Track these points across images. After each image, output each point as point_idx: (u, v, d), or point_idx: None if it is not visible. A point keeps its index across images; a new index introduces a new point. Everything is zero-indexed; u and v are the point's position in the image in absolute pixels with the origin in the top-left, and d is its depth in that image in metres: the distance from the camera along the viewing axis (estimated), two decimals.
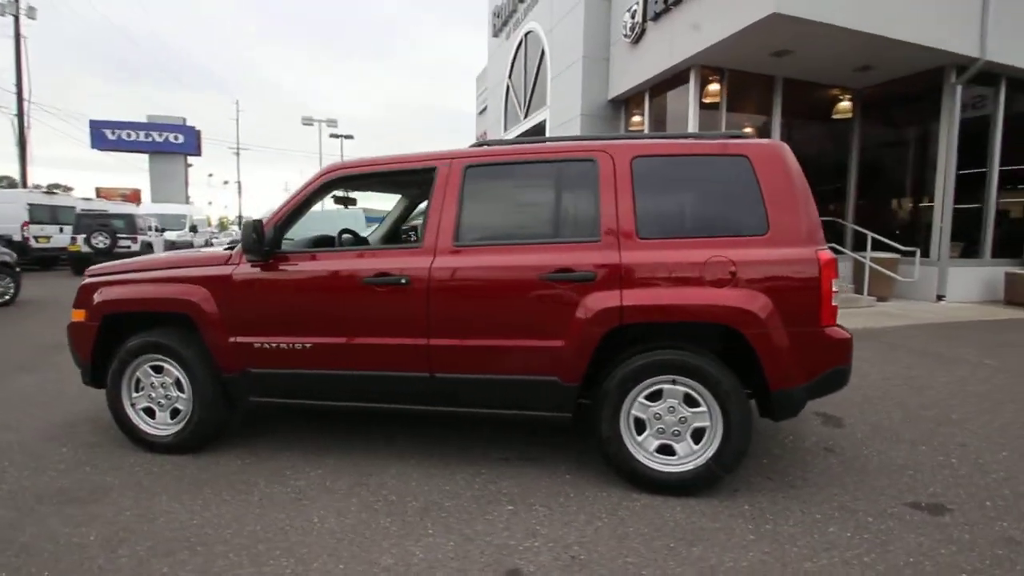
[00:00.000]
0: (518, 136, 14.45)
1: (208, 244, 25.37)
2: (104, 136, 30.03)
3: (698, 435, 2.38)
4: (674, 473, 2.38)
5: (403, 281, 2.49)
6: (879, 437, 3.09)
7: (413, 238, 4.39)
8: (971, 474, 2.63)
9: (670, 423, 2.39)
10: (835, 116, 9.79)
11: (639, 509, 2.28)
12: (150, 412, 2.89)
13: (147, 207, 22.39)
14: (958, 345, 5.63)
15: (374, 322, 2.56)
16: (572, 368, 2.39)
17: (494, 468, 2.68)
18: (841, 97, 9.71)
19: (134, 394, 2.89)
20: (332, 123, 31.13)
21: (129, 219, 15.29)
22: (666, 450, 2.41)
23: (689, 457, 2.38)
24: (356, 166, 2.75)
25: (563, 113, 11.34)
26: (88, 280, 2.98)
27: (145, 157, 31.70)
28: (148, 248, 15.54)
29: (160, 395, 2.86)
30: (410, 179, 3.19)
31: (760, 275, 2.27)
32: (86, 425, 3.31)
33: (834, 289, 2.29)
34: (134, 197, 30.88)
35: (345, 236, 3.44)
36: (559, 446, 2.93)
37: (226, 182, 52.39)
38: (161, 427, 2.87)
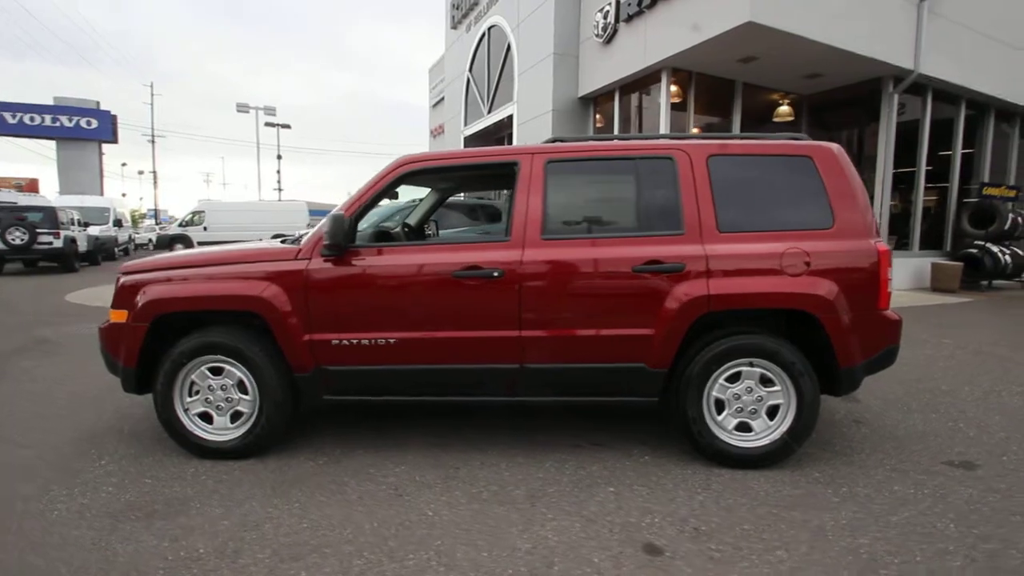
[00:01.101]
0: (481, 130, 14.44)
1: (131, 240, 23.32)
2: (3, 120, 26.67)
3: (772, 412, 2.60)
4: (752, 448, 2.58)
5: (496, 274, 2.52)
6: (893, 409, 3.48)
7: (430, 233, 4.38)
8: (979, 435, 3.05)
9: (748, 402, 2.59)
10: (785, 119, 10.58)
11: (727, 482, 2.46)
12: (206, 417, 2.73)
13: (59, 199, 20.20)
14: (912, 328, 6.34)
15: (464, 315, 2.57)
16: (661, 355, 2.53)
17: (573, 454, 2.77)
18: (787, 102, 10.50)
19: (188, 398, 2.72)
20: (270, 111, 29.46)
21: (49, 212, 13.76)
22: (743, 427, 2.61)
23: (764, 433, 2.59)
24: (433, 159, 2.72)
25: (532, 109, 11.47)
26: (128, 279, 2.75)
27: (52, 144, 28.52)
28: (71, 244, 14.09)
29: (219, 398, 2.71)
30: (488, 173, 3.19)
31: (830, 265, 2.51)
32: (109, 436, 3.07)
33: (889, 277, 2.57)
34: (31, 187, 27.65)
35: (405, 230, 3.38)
36: (621, 432, 3.07)
37: (141, 172, 48.30)
38: (220, 432, 2.72)
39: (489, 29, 13.66)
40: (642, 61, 9.05)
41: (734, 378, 2.58)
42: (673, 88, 9.26)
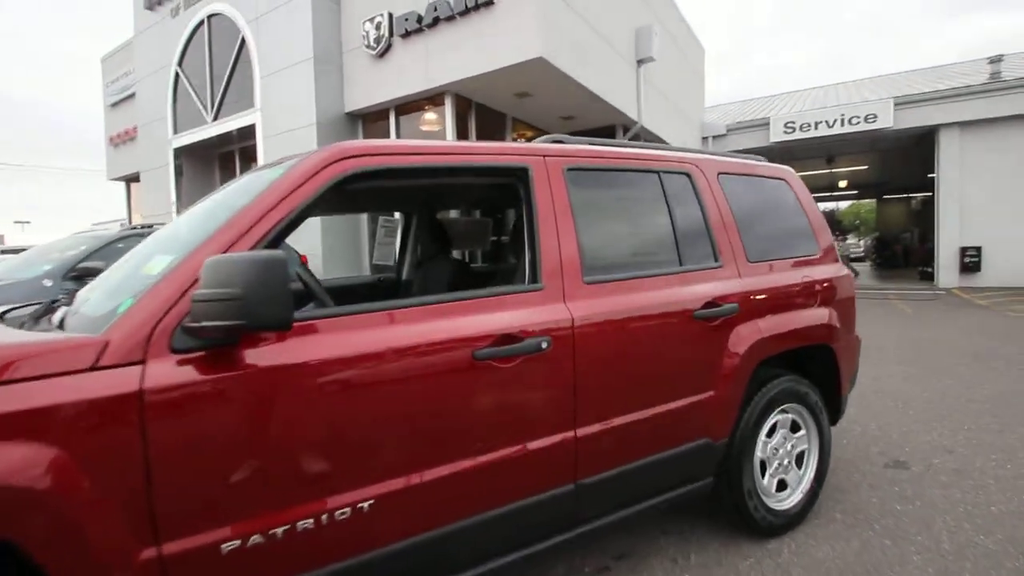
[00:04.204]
0: (204, 140, 11.51)
1: None
2: None
3: (798, 460, 2.33)
4: (791, 508, 2.25)
5: (544, 346, 1.52)
6: None
7: None
8: (865, 431, 3.46)
9: (783, 456, 2.25)
10: None
11: (794, 560, 2.06)
12: None
13: None
14: None
15: (492, 422, 1.47)
16: (723, 421, 1.97)
17: None
18: (525, 140, 11.58)
19: None
20: None
21: None
22: (781, 486, 2.26)
23: (797, 485, 2.30)
24: (394, 152, 1.52)
25: (286, 120, 9.60)
26: None
27: None
28: None
29: None
30: (476, 181, 2.00)
31: (831, 293, 2.40)
32: None
33: None
34: None
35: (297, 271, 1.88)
36: (623, 532, 2.36)
37: None
38: None
39: (209, 18, 11.01)
40: (424, 83, 8.51)
41: (771, 431, 2.22)
42: (461, 116, 9.02)
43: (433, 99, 8.91)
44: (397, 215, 7.81)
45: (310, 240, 8.85)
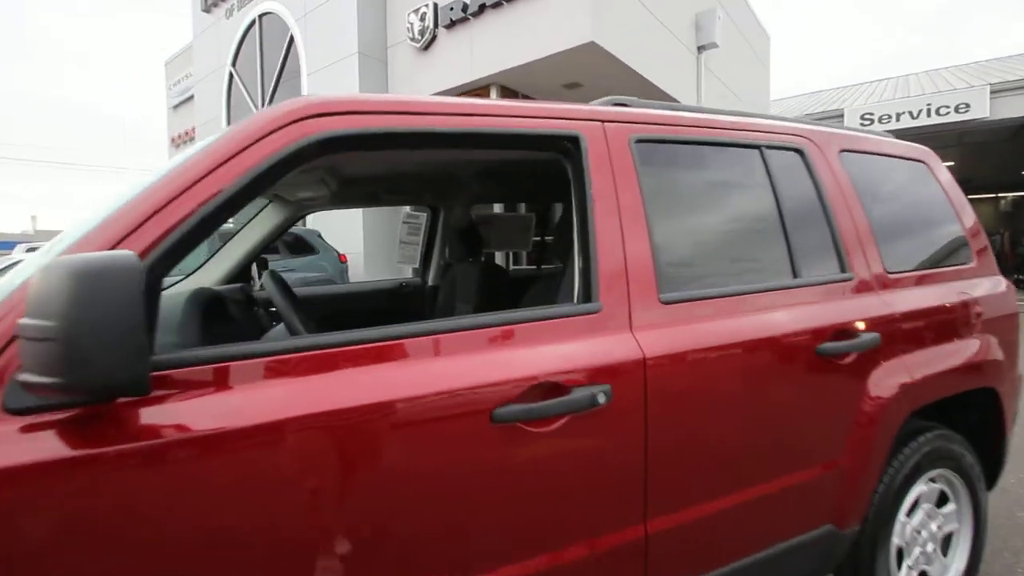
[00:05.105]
0: None
1: None
2: None
3: (944, 543, 1.71)
4: None
5: (601, 399, 1.01)
6: None
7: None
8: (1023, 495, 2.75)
9: (926, 539, 1.64)
10: None
11: None
12: None
13: None
14: None
15: (520, 516, 0.98)
16: (855, 500, 1.40)
17: None
18: None
19: None
20: None
21: None
22: None
23: None
24: (376, 111, 1.04)
25: None
26: None
27: None
28: None
29: None
30: (503, 156, 1.54)
31: (992, 316, 1.76)
32: None
33: None
34: None
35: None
36: None
37: None
38: None
39: (261, 16, 11.09)
40: (468, 74, 8.14)
41: (911, 508, 1.61)
42: None
43: (478, 92, 8.51)
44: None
45: (352, 240, 8.68)
